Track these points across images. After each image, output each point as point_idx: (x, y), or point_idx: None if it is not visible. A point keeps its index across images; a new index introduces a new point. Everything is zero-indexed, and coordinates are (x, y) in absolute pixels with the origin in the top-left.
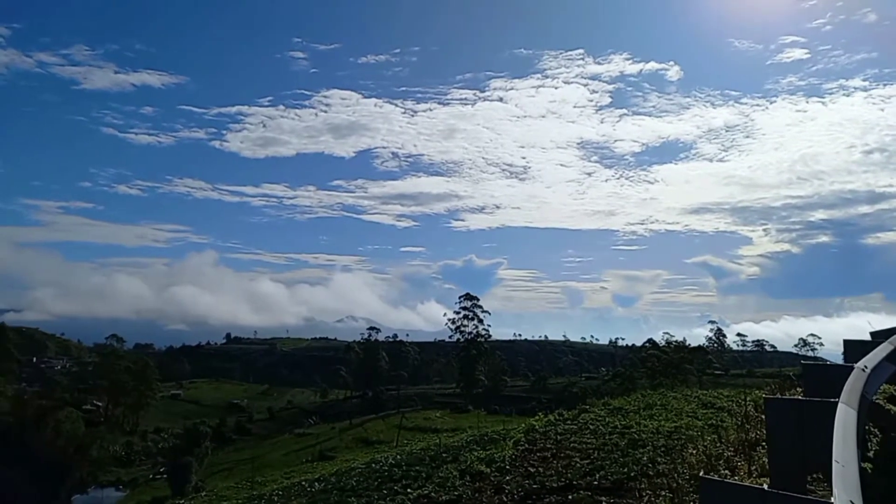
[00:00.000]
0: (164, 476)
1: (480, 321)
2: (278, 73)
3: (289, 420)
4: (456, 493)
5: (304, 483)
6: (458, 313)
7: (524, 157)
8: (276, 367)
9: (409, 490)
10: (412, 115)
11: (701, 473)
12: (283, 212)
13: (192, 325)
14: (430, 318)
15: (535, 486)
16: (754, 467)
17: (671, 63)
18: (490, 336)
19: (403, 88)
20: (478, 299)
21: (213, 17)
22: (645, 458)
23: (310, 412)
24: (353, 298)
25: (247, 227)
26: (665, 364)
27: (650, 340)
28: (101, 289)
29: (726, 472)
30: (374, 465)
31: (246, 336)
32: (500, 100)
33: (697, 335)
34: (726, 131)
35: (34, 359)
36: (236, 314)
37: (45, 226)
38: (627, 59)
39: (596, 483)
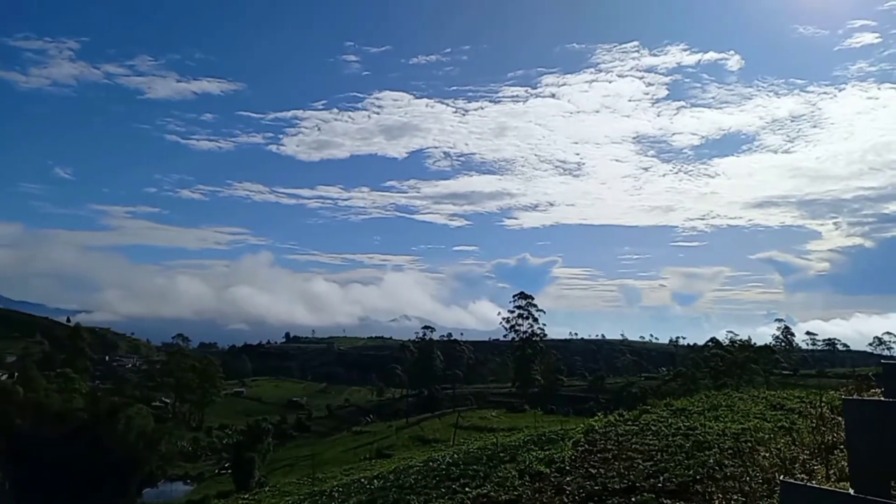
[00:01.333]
0: (229, 471)
1: (535, 320)
2: (331, 77)
3: (346, 418)
4: (515, 492)
5: (363, 480)
6: (512, 312)
7: (578, 154)
8: (333, 366)
9: (467, 489)
10: (463, 115)
11: (779, 477)
12: (337, 213)
13: (251, 325)
14: (483, 317)
15: (596, 488)
16: (832, 471)
17: (731, 52)
18: (545, 335)
19: (454, 88)
20: (532, 298)
21: (268, 25)
22: (711, 461)
23: (367, 410)
24: (405, 298)
25: (303, 228)
26: (729, 364)
27: (713, 339)
28: (164, 290)
29: (802, 476)
30: (431, 463)
31: (304, 335)
32: (553, 96)
33: (763, 334)
34: (792, 121)
35: (107, 357)
36: (293, 314)
37: (113, 230)
38: (685, 50)
39: (660, 485)
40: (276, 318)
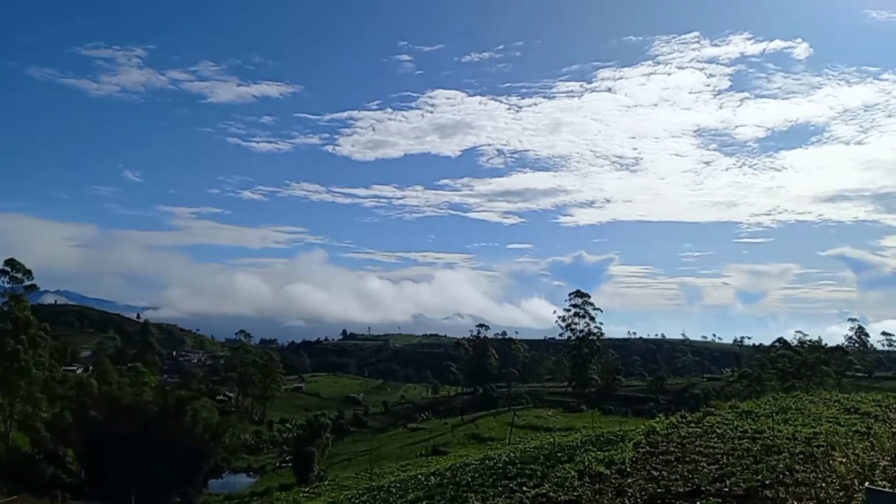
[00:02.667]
0: (290, 464)
1: (592, 319)
2: (385, 77)
3: (402, 414)
4: (575, 493)
5: (419, 476)
6: (568, 311)
7: (635, 149)
8: (388, 363)
9: (525, 488)
10: (517, 111)
11: (857, 484)
12: (392, 212)
13: (308, 322)
14: (536, 316)
15: (659, 490)
16: None
17: (798, 40)
18: (602, 334)
19: (507, 84)
20: (588, 296)
21: (324, 27)
22: (781, 466)
23: (422, 407)
24: (458, 296)
25: (359, 227)
26: (798, 365)
27: (780, 339)
28: (226, 288)
29: (884, 482)
30: (487, 461)
31: (360, 332)
32: (609, 90)
33: (834, 334)
34: (864, 111)
35: (174, 352)
36: (348, 311)
37: (179, 230)
38: (748, 39)
39: (726, 489)
40: (331, 316)
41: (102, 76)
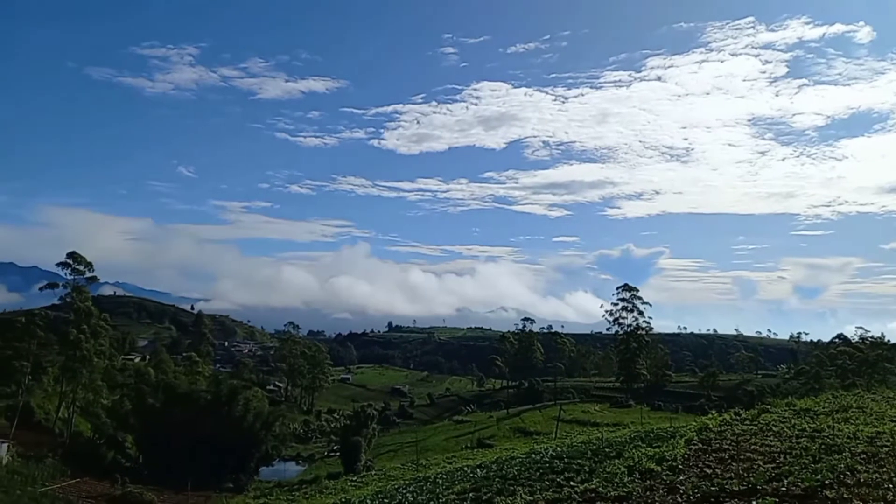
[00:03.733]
0: (337, 454)
1: (640, 313)
2: (430, 70)
3: (447, 406)
4: (625, 489)
5: (466, 469)
6: (615, 304)
7: (686, 139)
8: (433, 355)
9: (572, 483)
10: (563, 102)
11: None
12: (436, 205)
13: (354, 314)
14: (581, 309)
15: (713, 489)
16: None
17: (860, 24)
18: (651, 328)
19: (553, 75)
20: (637, 290)
21: (370, 22)
22: (842, 465)
23: (467, 400)
24: (502, 289)
25: (404, 220)
26: (859, 362)
27: (840, 336)
28: (274, 280)
29: None
30: (534, 455)
31: (405, 325)
32: (659, 79)
33: None
34: None
35: (226, 343)
36: (392, 303)
37: (230, 224)
38: (807, 24)
39: (784, 489)
40: (375, 308)
41: (157, 74)
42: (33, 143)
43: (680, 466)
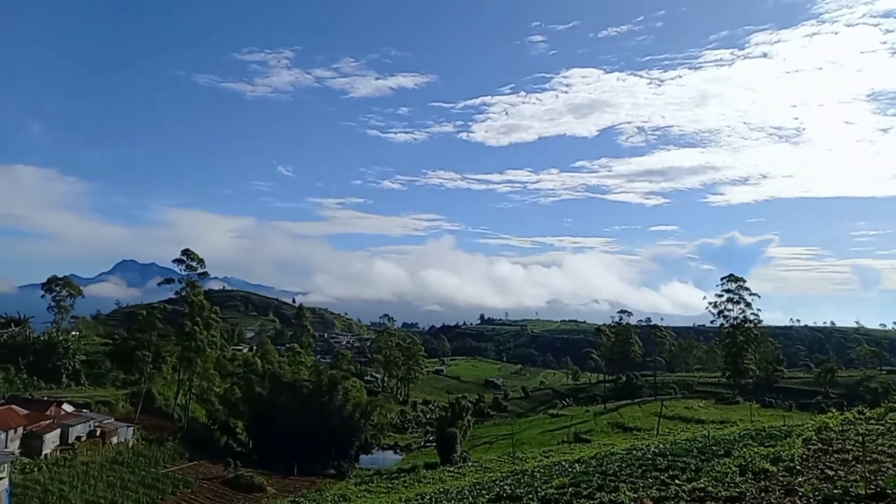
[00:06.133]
0: (433, 444)
1: (748, 304)
2: (518, 60)
3: (542, 400)
4: (737, 490)
5: (563, 463)
6: (720, 296)
7: (796, 118)
8: (526, 348)
9: (677, 481)
10: (658, 85)
11: None
12: (527, 196)
13: (444, 306)
14: (678, 301)
15: (835, 492)
16: None
17: None
18: (759, 321)
19: (648, 58)
20: (743, 280)
21: (456, 15)
22: None
23: (562, 394)
24: (594, 281)
25: (493, 212)
26: None
27: None
28: (366, 274)
29: None
30: (634, 451)
31: (497, 318)
32: (764, 55)
33: None
34: None
35: (325, 334)
36: (481, 296)
37: (326, 220)
38: None
39: None
40: (464, 301)
41: (256, 79)
42: (148, 148)
43: (798, 467)
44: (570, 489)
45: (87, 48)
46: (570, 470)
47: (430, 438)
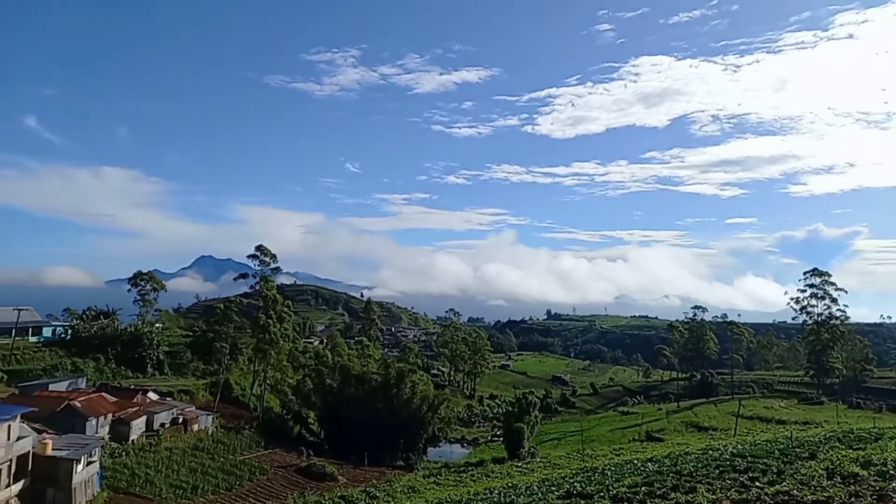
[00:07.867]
0: (500, 439)
1: (833, 300)
2: (584, 50)
3: (611, 397)
4: (825, 494)
5: (635, 462)
6: (803, 291)
7: (886, 102)
8: (594, 344)
9: (758, 483)
10: (734, 71)
11: None
12: (594, 189)
13: (508, 301)
14: (754, 296)
15: None
16: None
17: None
18: (846, 318)
19: (723, 43)
20: (829, 275)
21: (520, 6)
22: None
23: (632, 391)
24: (664, 275)
25: (559, 206)
26: None
27: None
28: (431, 269)
29: None
30: (711, 452)
31: (564, 313)
32: (850, 36)
33: None
34: None
35: (392, 328)
36: (545, 290)
37: (392, 216)
38: None
39: None
40: (529, 295)
41: (324, 78)
42: (224, 148)
43: (891, 472)
44: (643, 488)
45: (167, 55)
46: (642, 469)
47: (497, 433)
